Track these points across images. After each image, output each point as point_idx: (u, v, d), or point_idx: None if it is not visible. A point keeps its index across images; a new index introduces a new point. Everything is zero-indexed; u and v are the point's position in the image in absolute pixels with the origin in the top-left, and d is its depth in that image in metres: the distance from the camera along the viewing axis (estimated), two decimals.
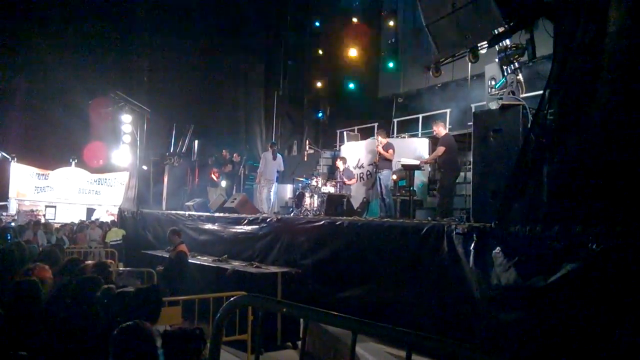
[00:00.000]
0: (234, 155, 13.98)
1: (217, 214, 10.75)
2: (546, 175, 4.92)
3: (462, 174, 9.32)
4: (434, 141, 9.93)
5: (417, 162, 9.08)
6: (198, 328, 2.66)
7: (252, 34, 20.27)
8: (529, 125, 5.38)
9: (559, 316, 4.19)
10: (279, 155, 12.55)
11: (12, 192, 21.78)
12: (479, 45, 6.46)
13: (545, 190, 4.90)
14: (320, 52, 20.09)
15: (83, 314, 3.45)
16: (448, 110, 12.67)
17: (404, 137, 12.56)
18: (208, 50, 19.87)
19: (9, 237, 8.72)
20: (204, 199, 13.40)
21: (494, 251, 4.88)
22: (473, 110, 9.33)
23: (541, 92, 5.23)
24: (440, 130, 8.88)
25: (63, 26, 20.97)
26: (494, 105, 6.42)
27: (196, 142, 17.01)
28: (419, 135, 12.90)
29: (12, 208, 21.35)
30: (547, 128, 4.94)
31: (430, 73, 7.78)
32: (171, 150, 16.71)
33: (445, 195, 8.61)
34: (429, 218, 7.80)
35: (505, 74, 6.49)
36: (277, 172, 12.26)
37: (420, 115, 13.51)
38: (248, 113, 20.30)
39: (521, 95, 6.41)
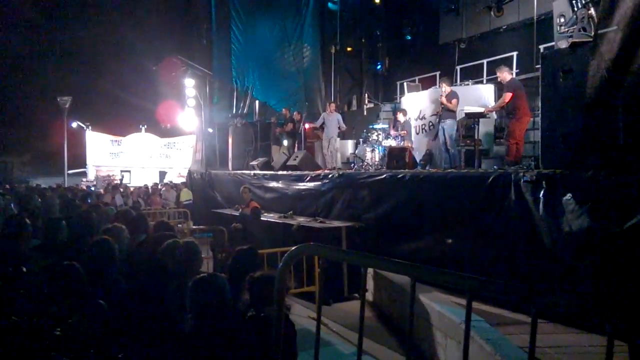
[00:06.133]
0: (295, 113, 14.01)
1: (280, 172, 10.96)
2: (622, 119, 4.60)
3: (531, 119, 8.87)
4: (500, 87, 9.48)
5: (481, 110, 8.73)
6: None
7: None
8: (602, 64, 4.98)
9: (636, 260, 4.02)
10: (337, 113, 12.44)
11: (89, 159, 23.26)
12: None
13: (622, 133, 4.60)
14: (377, 0, 19.37)
15: (155, 268, 3.68)
16: (514, 54, 11.98)
17: (468, 84, 12.07)
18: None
19: (89, 201, 9.31)
20: (267, 158, 13.67)
21: (564, 198, 4.70)
22: (541, 52, 8.72)
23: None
24: (505, 75, 8.38)
25: None
26: (563, 45, 5.96)
27: (257, 102, 17.21)
28: (484, 82, 12.34)
29: (91, 174, 22.86)
30: (620, 66, 4.58)
31: (492, 14, 7.32)
32: (234, 112, 17.04)
33: (514, 143, 8.26)
34: (495, 167, 7.55)
35: (576, 9, 5.99)
36: (338, 129, 12.19)
37: (485, 61, 12.86)
38: (306, 70, 20.13)
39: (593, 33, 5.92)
